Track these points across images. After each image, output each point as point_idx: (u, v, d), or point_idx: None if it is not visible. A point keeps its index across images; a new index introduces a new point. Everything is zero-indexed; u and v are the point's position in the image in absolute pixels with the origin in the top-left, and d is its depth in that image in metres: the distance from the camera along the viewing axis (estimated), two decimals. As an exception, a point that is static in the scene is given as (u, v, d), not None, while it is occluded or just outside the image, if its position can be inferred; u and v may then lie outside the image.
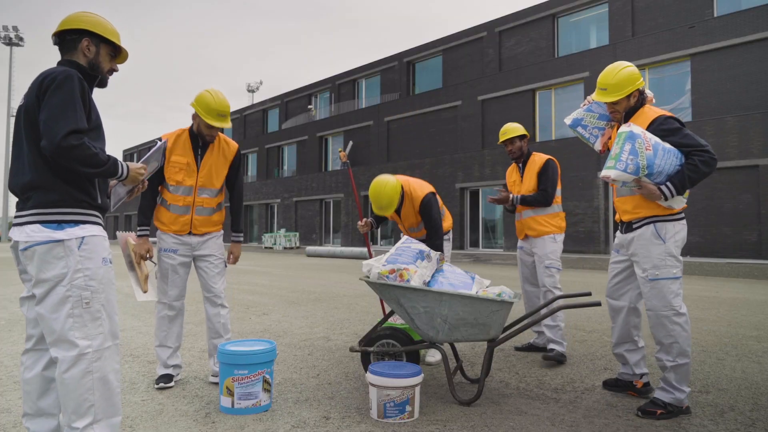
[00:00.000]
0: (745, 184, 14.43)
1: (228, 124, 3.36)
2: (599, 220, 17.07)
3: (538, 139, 19.78)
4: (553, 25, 20.94)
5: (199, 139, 3.40)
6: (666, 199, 2.79)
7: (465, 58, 23.85)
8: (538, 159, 4.30)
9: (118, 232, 3.37)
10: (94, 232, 2.15)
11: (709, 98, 15.82)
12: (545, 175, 4.19)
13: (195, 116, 3.34)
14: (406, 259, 3.25)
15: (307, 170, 30.09)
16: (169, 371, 3.41)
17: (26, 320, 2.21)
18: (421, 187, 3.96)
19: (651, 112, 3.00)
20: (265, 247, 27.58)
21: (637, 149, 2.71)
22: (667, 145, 2.81)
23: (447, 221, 4.21)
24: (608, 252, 16.74)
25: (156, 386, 3.32)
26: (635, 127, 2.81)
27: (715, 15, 16.61)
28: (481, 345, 4.57)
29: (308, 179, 28.84)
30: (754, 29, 14.95)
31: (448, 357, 4.02)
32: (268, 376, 2.94)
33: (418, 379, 2.83)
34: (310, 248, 22.64)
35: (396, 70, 26.82)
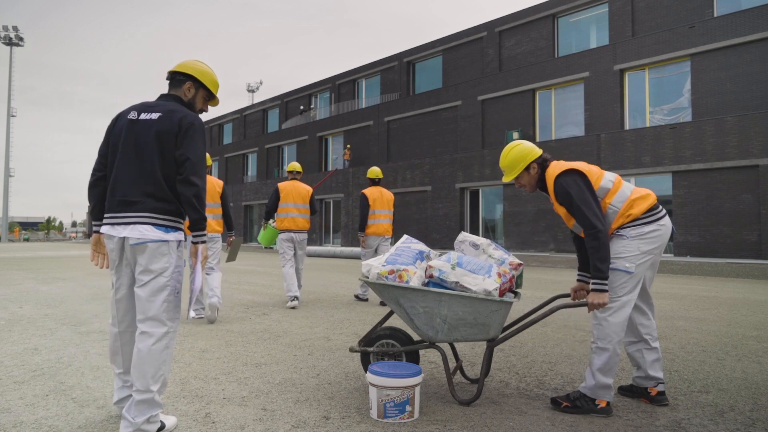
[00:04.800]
0: (745, 184, 14.44)
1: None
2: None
3: (537, 139, 19.78)
4: (553, 25, 20.93)
5: None
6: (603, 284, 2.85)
7: (465, 58, 23.84)
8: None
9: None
10: (183, 238, 2.68)
11: (709, 98, 15.82)
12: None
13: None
14: (406, 260, 3.24)
15: (307, 170, 30.08)
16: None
17: (126, 309, 2.65)
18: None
19: (550, 176, 3.08)
20: (266, 247, 27.59)
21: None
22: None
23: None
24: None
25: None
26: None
27: (715, 15, 16.61)
28: (481, 345, 4.58)
29: (308, 179, 28.83)
30: (754, 29, 14.96)
31: (448, 357, 4.02)
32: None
33: (418, 379, 2.83)
34: (310, 248, 22.64)
35: (396, 70, 26.82)
